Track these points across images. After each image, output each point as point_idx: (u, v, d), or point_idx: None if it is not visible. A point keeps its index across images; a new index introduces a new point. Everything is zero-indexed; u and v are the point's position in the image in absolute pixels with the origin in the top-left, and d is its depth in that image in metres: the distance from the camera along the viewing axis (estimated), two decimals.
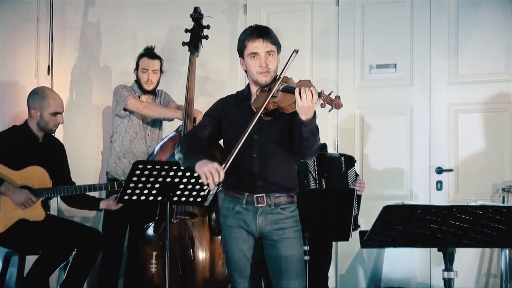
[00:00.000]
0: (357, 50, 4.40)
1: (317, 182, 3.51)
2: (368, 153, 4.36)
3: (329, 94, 2.44)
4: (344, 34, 4.44)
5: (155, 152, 3.85)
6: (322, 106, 2.43)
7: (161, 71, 4.19)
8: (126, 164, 4.04)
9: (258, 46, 2.63)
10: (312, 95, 2.40)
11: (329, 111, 2.46)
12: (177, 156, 2.69)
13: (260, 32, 2.65)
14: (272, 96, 2.55)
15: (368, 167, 4.34)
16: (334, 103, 2.41)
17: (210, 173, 2.44)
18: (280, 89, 2.58)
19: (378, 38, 4.36)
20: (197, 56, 4.03)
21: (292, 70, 2.69)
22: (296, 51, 2.56)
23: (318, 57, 4.46)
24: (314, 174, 3.51)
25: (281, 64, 2.68)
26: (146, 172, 2.83)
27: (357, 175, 3.71)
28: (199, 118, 3.81)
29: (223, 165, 2.48)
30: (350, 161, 3.68)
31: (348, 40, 4.43)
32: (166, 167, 2.83)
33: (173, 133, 3.89)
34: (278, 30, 2.86)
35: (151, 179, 2.85)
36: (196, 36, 4.04)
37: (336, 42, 4.44)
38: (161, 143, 3.89)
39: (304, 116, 2.46)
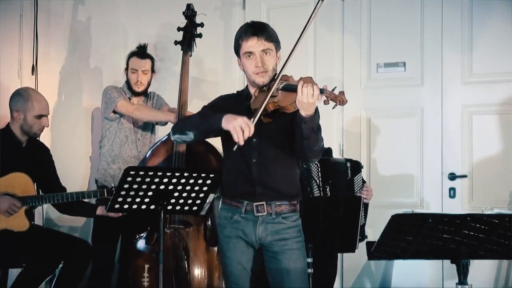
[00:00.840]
0: (364, 47, 4.41)
1: (321, 189, 3.51)
2: (375, 158, 4.36)
3: (333, 90, 2.44)
4: (349, 30, 4.45)
5: (146, 157, 3.86)
6: (326, 103, 2.43)
7: (153, 71, 4.21)
8: (116, 170, 4.05)
9: (252, 45, 2.64)
10: (313, 90, 2.41)
11: (333, 108, 2.45)
12: (181, 132, 2.67)
13: (255, 29, 2.65)
14: (271, 96, 2.56)
15: (376, 173, 4.35)
16: (338, 99, 2.40)
17: (241, 127, 2.45)
18: (280, 88, 2.58)
19: (386, 34, 4.37)
20: (191, 56, 4.04)
21: (294, 69, 2.69)
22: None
23: (322, 55, 4.47)
24: (317, 181, 3.51)
25: (282, 61, 2.68)
26: (138, 179, 2.83)
27: (363, 181, 3.71)
28: None
29: (252, 119, 2.50)
30: (356, 166, 3.68)
31: (354, 36, 4.43)
32: (159, 173, 2.84)
33: (166, 138, 3.88)
34: (279, 26, 2.86)
35: (144, 187, 2.85)
36: (189, 35, 4.06)
37: (341, 39, 4.45)
38: (152, 148, 3.89)
39: (304, 111, 2.47)
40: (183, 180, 2.88)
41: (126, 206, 2.93)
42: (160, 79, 4.60)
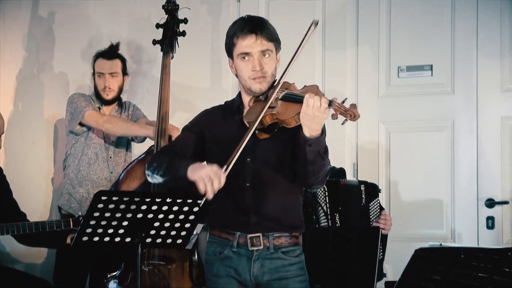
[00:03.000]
0: (382, 47, 4.45)
1: (329, 218, 3.53)
2: (396, 181, 4.39)
3: (342, 102, 2.45)
4: (365, 26, 4.48)
5: (120, 179, 3.88)
6: (334, 117, 2.44)
7: (125, 74, 4.25)
8: (84, 195, 4.08)
9: (250, 44, 2.65)
10: (321, 102, 2.41)
11: (342, 124, 2.46)
12: (152, 172, 2.71)
13: (253, 26, 2.66)
14: (269, 107, 2.57)
15: (397, 198, 4.36)
16: (349, 113, 2.40)
17: (209, 177, 2.45)
18: (279, 97, 2.60)
19: (410, 31, 4.40)
20: (172, 58, 4.07)
21: (297, 74, 2.73)
22: (316, 23, 2.57)
23: (332, 56, 4.51)
24: (325, 208, 3.54)
25: (281, 66, 2.71)
26: (111, 206, 2.85)
27: (381, 208, 3.73)
28: (175, 136, 3.83)
29: (224, 168, 2.50)
30: (372, 190, 3.70)
31: (371, 34, 4.46)
32: (136, 198, 2.85)
33: (143, 156, 3.92)
34: (280, 22, 2.92)
35: (118, 215, 2.87)
36: (170, 33, 4.09)
37: (355, 38, 4.49)
38: (127, 168, 3.91)
39: (309, 130, 2.47)
40: (165, 207, 2.90)
41: (96, 239, 2.94)
42: (136, 86, 4.63)
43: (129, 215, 2.87)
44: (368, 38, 4.48)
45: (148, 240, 2.98)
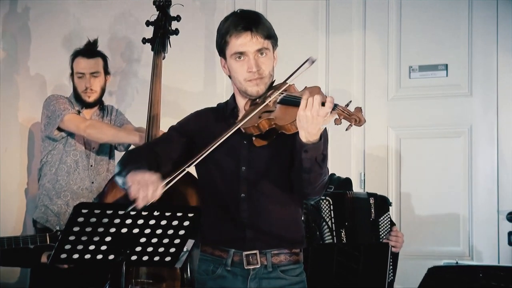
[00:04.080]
0: (392, 46, 4.46)
1: (334, 233, 3.52)
2: (407, 192, 4.40)
3: (346, 105, 2.44)
4: (373, 21, 4.50)
5: (105, 190, 3.86)
6: (337, 122, 2.42)
7: (107, 73, 4.26)
8: (62, 207, 4.08)
9: (245, 42, 2.64)
10: (321, 103, 2.38)
11: (346, 129, 2.45)
12: (118, 171, 2.67)
13: (248, 22, 2.65)
14: (267, 111, 2.57)
15: (408, 212, 4.37)
16: (354, 117, 2.39)
17: (139, 184, 2.44)
18: (278, 100, 2.60)
19: (422, 27, 4.42)
20: (164, 58, 4.08)
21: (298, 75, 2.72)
22: (312, 61, 2.57)
23: (336, 55, 4.53)
24: (329, 223, 3.53)
25: (279, 64, 2.72)
26: (93, 220, 2.86)
27: (392, 223, 3.72)
28: None
29: (165, 181, 2.48)
30: (382, 203, 3.70)
31: (379, 29, 4.48)
32: (121, 211, 2.88)
33: None
34: (279, 18, 2.92)
35: (100, 230, 2.87)
36: (162, 31, 4.10)
37: (362, 34, 4.51)
38: (113, 179, 3.91)
39: (305, 134, 2.45)
40: (152, 221, 2.90)
41: (76, 256, 2.94)
42: (124, 86, 4.63)
43: (112, 230, 2.87)
44: (376, 35, 4.49)
45: (134, 257, 2.97)
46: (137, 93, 4.70)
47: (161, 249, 2.96)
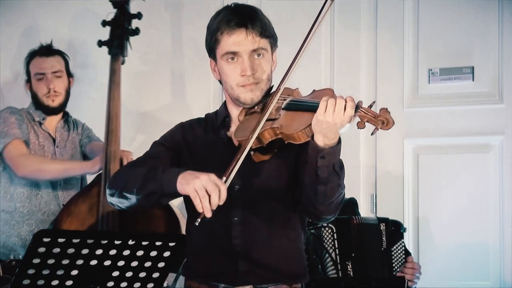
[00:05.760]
0: (408, 46, 4.48)
1: (339, 267, 3.54)
2: (426, 217, 4.40)
3: (370, 106, 2.43)
4: (385, 16, 4.52)
5: (58, 217, 3.87)
6: (360, 125, 2.41)
7: (70, 76, 4.28)
8: (24, 234, 4.10)
9: (238, 41, 2.65)
10: (346, 106, 2.38)
11: (372, 134, 2.44)
12: (120, 191, 2.67)
13: (242, 17, 2.65)
14: (269, 119, 2.56)
15: (427, 240, 4.37)
16: (380, 119, 2.38)
17: (206, 190, 2.43)
18: (283, 106, 2.59)
19: (444, 23, 4.44)
20: (123, 63, 4.09)
21: (297, 79, 2.72)
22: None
23: (342, 55, 4.55)
24: (333, 255, 3.55)
25: (279, 63, 2.73)
26: (56, 250, 2.86)
27: (407, 253, 3.73)
28: (128, 158, 3.88)
29: (224, 179, 2.48)
30: (395, 230, 3.71)
31: (392, 26, 4.50)
32: (90, 240, 2.87)
33: (89, 187, 3.97)
34: (278, 14, 2.93)
35: (65, 262, 2.87)
36: (120, 31, 4.12)
37: (372, 31, 4.54)
38: (68, 203, 3.92)
39: (323, 138, 2.45)
40: (126, 252, 2.89)
41: None
42: (76, 95, 4.57)
43: (80, 262, 2.86)
44: (389, 32, 4.51)
45: None
46: (93, 102, 4.71)
47: (137, 285, 2.95)
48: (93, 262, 2.86)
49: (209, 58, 2.80)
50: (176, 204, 3.50)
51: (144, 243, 2.84)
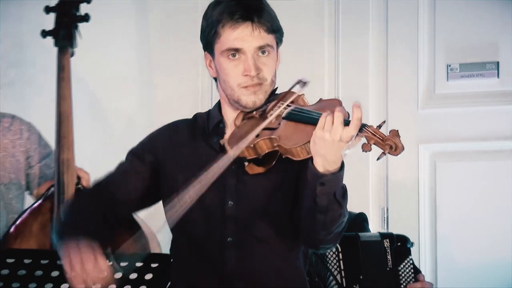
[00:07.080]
0: (423, 36, 4.51)
1: None
2: (445, 232, 4.42)
3: (379, 126, 2.40)
4: (396, 14, 4.56)
5: (9, 231, 3.83)
6: (366, 148, 2.37)
7: None
8: None
9: (243, 36, 2.64)
10: (347, 123, 2.36)
11: (378, 159, 2.42)
12: (54, 233, 2.72)
13: (248, 9, 2.65)
14: (267, 128, 2.57)
15: (446, 257, 4.40)
16: (388, 143, 2.35)
17: (75, 264, 2.50)
18: (284, 115, 2.59)
19: (463, 12, 4.46)
20: (73, 55, 4.03)
21: (299, 76, 2.69)
22: (304, 83, 2.57)
23: (348, 49, 4.58)
24: (338, 277, 3.55)
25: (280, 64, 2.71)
26: (22, 272, 2.87)
27: (416, 270, 3.74)
28: (84, 178, 3.87)
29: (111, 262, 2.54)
30: (401, 246, 3.70)
31: (405, 24, 4.54)
32: (44, 261, 2.88)
33: (39, 202, 3.92)
34: (279, 5, 2.90)
35: (32, 286, 2.89)
36: (66, 18, 4.06)
37: (383, 21, 4.59)
38: (17, 222, 3.87)
39: (322, 162, 2.43)
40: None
41: None
42: (14, 96, 4.62)
43: (49, 287, 2.88)
44: (401, 22, 4.53)
45: None
46: (42, 107, 4.67)
47: None
48: (65, 286, 2.86)
49: (203, 52, 2.79)
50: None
51: (122, 264, 2.84)
